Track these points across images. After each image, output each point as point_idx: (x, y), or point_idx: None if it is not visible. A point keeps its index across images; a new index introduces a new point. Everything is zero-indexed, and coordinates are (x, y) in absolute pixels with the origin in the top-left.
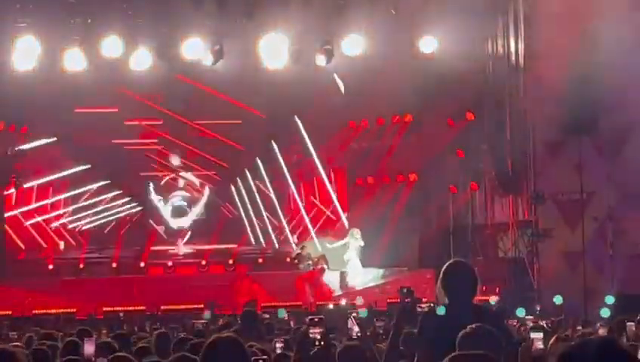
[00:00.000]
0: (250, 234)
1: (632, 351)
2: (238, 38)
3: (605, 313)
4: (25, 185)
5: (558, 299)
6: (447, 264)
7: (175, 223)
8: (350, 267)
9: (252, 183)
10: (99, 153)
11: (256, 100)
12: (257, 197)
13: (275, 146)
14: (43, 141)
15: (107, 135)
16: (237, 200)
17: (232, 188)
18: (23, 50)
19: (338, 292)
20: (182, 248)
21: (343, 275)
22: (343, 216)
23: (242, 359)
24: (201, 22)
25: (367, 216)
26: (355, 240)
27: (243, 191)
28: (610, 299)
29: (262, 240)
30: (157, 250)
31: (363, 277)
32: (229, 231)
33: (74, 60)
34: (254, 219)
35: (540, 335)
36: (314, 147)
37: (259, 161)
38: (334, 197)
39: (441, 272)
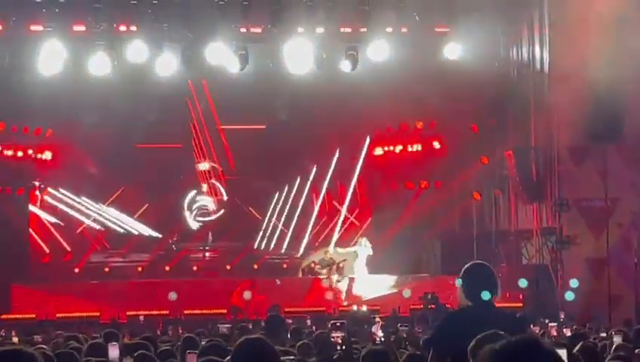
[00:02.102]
0: (264, 237)
1: (555, 352)
2: (263, 43)
3: (570, 296)
4: (49, 189)
5: (522, 283)
6: (467, 265)
7: (196, 224)
8: (358, 275)
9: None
10: (122, 156)
11: (280, 105)
12: (280, 201)
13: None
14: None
15: (133, 139)
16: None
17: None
18: (49, 55)
19: (345, 299)
20: (206, 251)
21: (350, 283)
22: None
23: (272, 359)
24: (226, 27)
25: (390, 222)
26: (364, 249)
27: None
28: (574, 283)
29: (273, 243)
30: (183, 252)
31: (371, 285)
32: (246, 232)
33: (99, 65)
34: (275, 221)
35: (564, 352)
36: (338, 152)
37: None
38: (343, 207)
39: (461, 273)
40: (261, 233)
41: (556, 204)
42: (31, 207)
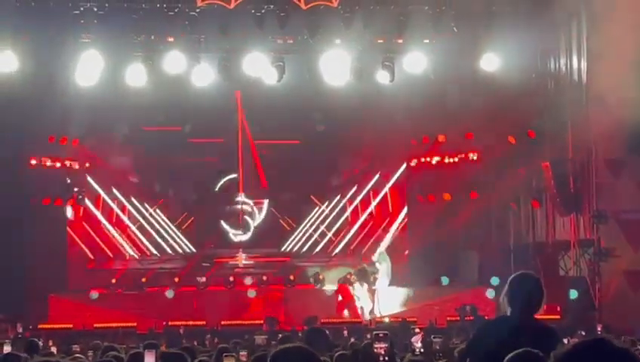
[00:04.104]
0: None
1: (628, 349)
2: (300, 54)
3: (573, 294)
4: (87, 201)
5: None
6: (514, 274)
7: (236, 237)
8: (379, 288)
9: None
10: (159, 168)
11: (316, 116)
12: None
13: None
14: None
15: (170, 151)
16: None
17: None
18: (87, 66)
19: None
20: (242, 259)
21: (384, 294)
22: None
23: None
24: (264, 38)
25: (427, 233)
26: (383, 262)
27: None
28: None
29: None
30: (219, 260)
31: (407, 296)
32: (282, 241)
33: (136, 76)
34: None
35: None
36: (374, 163)
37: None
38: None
39: (508, 282)
40: (297, 243)
41: (594, 216)
42: (71, 214)
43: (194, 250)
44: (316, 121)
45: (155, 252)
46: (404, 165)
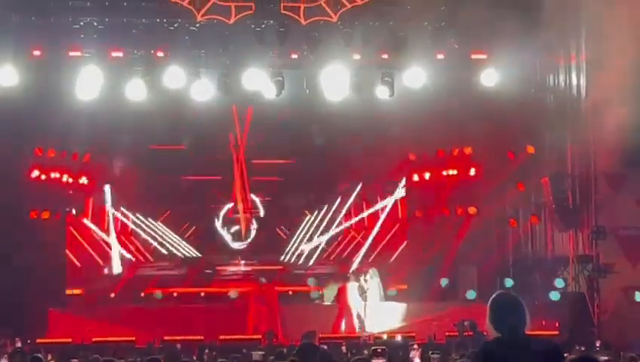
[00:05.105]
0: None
1: None
2: (299, 69)
3: (555, 296)
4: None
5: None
6: (492, 297)
7: (234, 245)
8: (369, 305)
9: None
10: (158, 182)
11: (316, 131)
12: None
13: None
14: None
15: (169, 166)
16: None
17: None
18: (87, 80)
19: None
20: (242, 267)
21: (380, 309)
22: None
23: None
24: (263, 53)
25: (426, 248)
26: (372, 280)
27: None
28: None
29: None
30: (220, 268)
31: (404, 311)
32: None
33: (136, 90)
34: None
35: None
36: (373, 178)
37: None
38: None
39: (488, 307)
40: (294, 252)
41: (593, 232)
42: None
43: (198, 254)
44: (315, 135)
45: (160, 254)
46: (404, 180)
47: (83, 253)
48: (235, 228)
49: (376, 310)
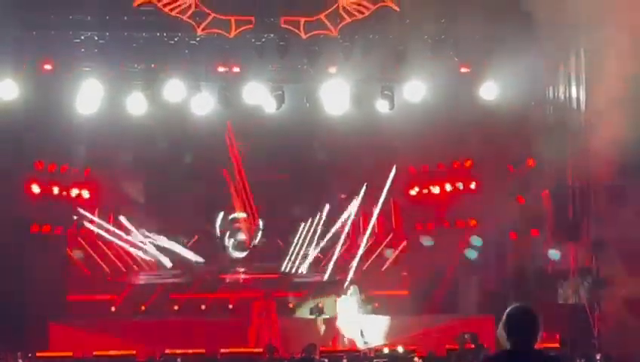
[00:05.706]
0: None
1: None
2: (299, 83)
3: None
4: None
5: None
6: (510, 308)
7: (235, 255)
8: (351, 321)
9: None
10: (159, 196)
11: (316, 144)
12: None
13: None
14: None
15: (170, 179)
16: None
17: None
18: (87, 94)
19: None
20: (242, 276)
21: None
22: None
23: None
24: (263, 67)
25: (426, 262)
26: (354, 295)
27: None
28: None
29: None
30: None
31: (406, 324)
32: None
33: (136, 104)
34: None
35: None
36: (372, 191)
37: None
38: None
39: (504, 316)
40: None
41: (593, 244)
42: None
43: (202, 260)
44: (315, 148)
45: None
46: (402, 193)
47: (92, 262)
48: (237, 237)
49: (358, 325)
